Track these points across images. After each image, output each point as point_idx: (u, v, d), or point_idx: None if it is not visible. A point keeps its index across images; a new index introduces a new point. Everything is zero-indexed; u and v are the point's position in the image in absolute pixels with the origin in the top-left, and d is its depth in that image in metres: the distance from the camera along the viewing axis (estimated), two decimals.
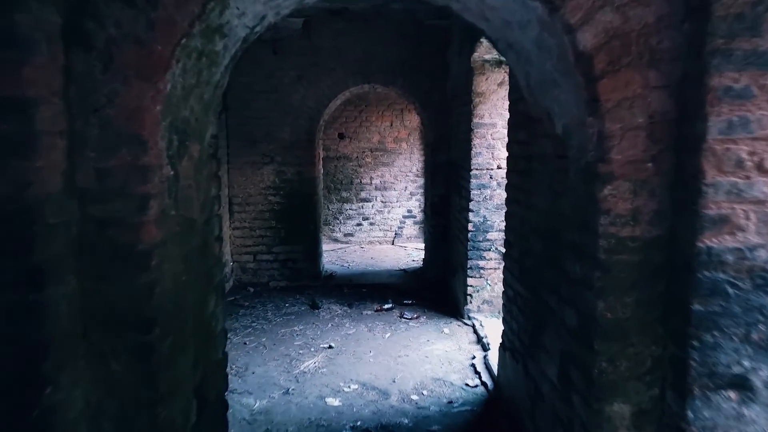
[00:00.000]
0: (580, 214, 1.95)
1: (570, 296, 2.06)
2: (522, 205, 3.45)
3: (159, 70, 1.70)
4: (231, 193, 6.91)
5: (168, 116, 1.79)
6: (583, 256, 1.91)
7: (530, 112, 2.50)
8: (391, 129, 9.77)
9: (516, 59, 2.29)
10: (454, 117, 6.43)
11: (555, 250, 2.25)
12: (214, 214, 2.39)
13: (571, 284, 2.04)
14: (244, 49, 2.39)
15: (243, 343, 5.15)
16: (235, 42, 2.16)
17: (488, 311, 5.64)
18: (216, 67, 2.12)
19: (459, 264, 6.03)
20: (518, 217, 3.55)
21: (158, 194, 1.78)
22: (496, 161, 5.47)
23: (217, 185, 2.43)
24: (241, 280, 7.09)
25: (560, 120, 2.08)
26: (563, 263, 2.12)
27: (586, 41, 1.72)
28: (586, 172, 1.88)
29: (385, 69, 6.79)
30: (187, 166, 2.02)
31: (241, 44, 2.24)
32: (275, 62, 6.74)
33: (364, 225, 9.91)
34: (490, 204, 5.51)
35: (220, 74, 2.21)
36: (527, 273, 3.17)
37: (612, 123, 1.75)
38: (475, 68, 5.39)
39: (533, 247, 2.71)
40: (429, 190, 7.32)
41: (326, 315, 5.99)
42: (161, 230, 1.81)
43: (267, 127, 6.82)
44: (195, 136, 2.09)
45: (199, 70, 1.95)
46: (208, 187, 2.32)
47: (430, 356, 4.85)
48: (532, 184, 2.86)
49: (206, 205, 2.28)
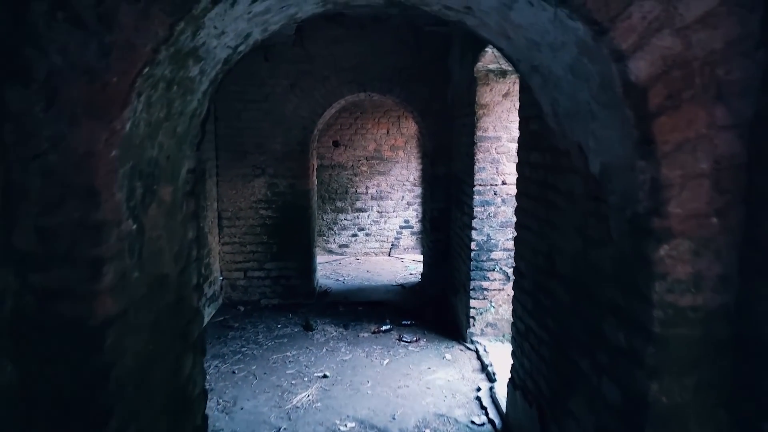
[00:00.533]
0: (625, 273, 1.63)
1: (610, 366, 1.75)
2: (535, 233, 3.15)
3: (115, 106, 1.37)
4: (220, 207, 6.57)
5: (128, 161, 1.46)
6: (631, 325, 1.60)
7: (554, 140, 2.19)
8: (388, 137, 9.45)
9: (541, 84, 1.98)
10: (455, 128, 6.12)
11: (588, 307, 1.93)
12: (191, 261, 2.07)
13: (612, 353, 1.73)
14: (228, 70, 2.07)
15: (232, 372, 4.82)
16: (214, 65, 1.83)
17: (492, 335, 5.33)
18: (191, 95, 1.79)
19: (461, 284, 5.72)
20: (530, 246, 3.26)
21: (115, 256, 1.45)
22: (500, 176, 5.16)
23: (195, 226, 2.11)
24: (231, 299, 6.75)
25: (597, 158, 1.77)
26: (601, 326, 1.81)
27: (640, 71, 1.41)
28: (635, 226, 1.57)
29: (381, 77, 6.47)
30: (155, 215, 1.69)
31: (222, 66, 1.92)
32: (267, 70, 6.40)
33: (359, 236, 9.59)
34: (494, 222, 5.21)
35: (197, 102, 1.88)
36: (545, 313, 2.86)
37: (670, 169, 1.44)
38: (479, 78, 5.08)
39: (557, 294, 2.40)
40: (428, 203, 7.01)
41: (321, 338, 5.66)
42: (119, 300, 1.48)
43: (258, 138, 6.49)
44: (166, 177, 1.76)
45: (169, 101, 1.63)
46: (184, 232, 2.00)
47: (432, 387, 4.53)
48: (554, 220, 2.55)
49: (182, 254, 1.95)
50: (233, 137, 6.44)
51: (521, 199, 3.52)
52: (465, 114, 5.51)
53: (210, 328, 5.90)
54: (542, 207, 3.03)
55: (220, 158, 6.44)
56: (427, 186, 7.05)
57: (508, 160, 5.15)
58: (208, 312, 6.10)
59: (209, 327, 5.91)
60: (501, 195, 5.19)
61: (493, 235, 5.21)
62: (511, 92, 5.08)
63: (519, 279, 3.52)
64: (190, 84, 1.74)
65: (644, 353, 1.52)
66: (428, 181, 6.96)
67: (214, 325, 5.97)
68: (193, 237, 2.08)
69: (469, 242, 5.28)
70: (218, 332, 5.77)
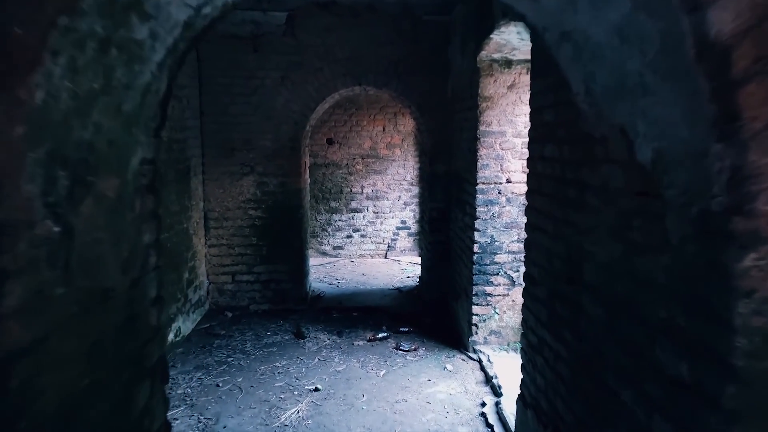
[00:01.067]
0: (689, 287, 1.29)
1: (665, 403, 1.40)
2: (551, 235, 2.80)
3: (20, 67, 1.01)
4: (206, 207, 6.19)
5: (43, 142, 1.10)
6: (699, 355, 1.25)
7: (584, 126, 1.84)
8: (384, 134, 9.09)
9: (573, 56, 1.63)
10: (455, 123, 5.77)
11: (632, 325, 1.58)
12: (148, 270, 1.70)
13: (669, 387, 1.38)
14: (193, 39, 1.71)
15: (216, 385, 4.45)
16: (170, 28, 1.47)
17: (496, 343, 4.99)
18: (141, 65, 1.43)
19: (462, 288, 5.37)
20: (544, 249, 2.91)
21: (26, 269, 1.09)
22: (505, 174, 4.82)
23: (153, 228, 1.75)
24: (218, 304, 6.37)
25: (648, 143, 1.42)
26: (651, 351, 1.46)
27: (722, 24, 1.06)
28: (705, 227, 1.22)
29: (377, 69, 6.12)
30: (92, 214, 1.33)
31: (182, 32, 1.56)
32: (256, 61, 6.04)
33: (354, 237, 9.23)
34: (498, 222, 4.86)
35: (151, 75, 1.52)
36: (563, 325, 2.52)
37: (761, 154, 1.09)
38: (482, 69, 4.73)
39: (583, 306, 2.05)
40: (426, 203, 6.65)
41: (313, 346, 5.30)
42: (33, 325, 1.12)
43: (247, 134, 6.12)
44: (108, 166, 1.40)
45: (106, 69, 1.27)
46: (138, 234, 1.63)
47: (433, 401, 4.18)
48: (576, 220, 2.20)
49: (134, 262, 1.59)
50: (220, 133, 6.07)
51: (533, 197, 3.17)
52: (467, 108, 5.16)
53: (194, 336, 5.53)
54: (559, 205, 2.70)
55: (206, 155, 6.07)
56: (426, 185, 6.70)
57: (513, 157, 4.81)
58: (193, 318, 5.72)
59: (193, 335, 5.54)
60: (506, 194, 4.85)
61: (497, 237, 4.86)
62: (516, 83, 4.74)
63: (530, 286, 3.18)
64: (138, 50, 1.38)
65: (720, 392, 1.17)
66: (427, 180, 6.61)
67: (199, 333, 5.60)
68: (151, 241, 1.72)
69: (472, 244, 4.94)
70: (203, 340, 5.40)
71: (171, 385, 4.41)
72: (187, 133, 5.53)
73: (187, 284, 5.55)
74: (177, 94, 5.25)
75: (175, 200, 5.20)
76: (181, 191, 5.38)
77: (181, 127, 5.36)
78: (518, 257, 4.88)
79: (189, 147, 5.59)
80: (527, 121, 4.87)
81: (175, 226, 5.20)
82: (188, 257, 5.61)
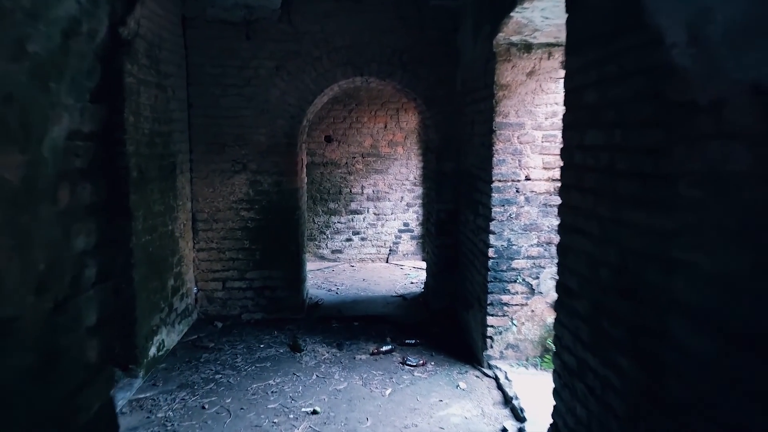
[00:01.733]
0: None
1: None
2: (596, 239, 2.34)
3: None
4: (195, 208, 5.70)
5: None
6: None
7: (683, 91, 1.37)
8: (386, 131, 8.61)
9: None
10: (466, 116, 5.30)
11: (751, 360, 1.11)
12: (82, 288, 1.22)
13: None
14: None
15: (201, 407, 3.95)
16: None
17: (514, 358, 4.51)
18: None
19: (474, 297, 4.89)
20: (586, 256, 2.46)
21: None
22: (524, 171, 4.35)
23: (92, 229, 1.27)
24: (208, 313, 5.87)
25: None
26: None
27: None
28: None
29: (380, 59, 5.65)
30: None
31: None
32: (249, 50, 5.56)
33: (354, 240, 8.74)
34: (516, 224, 4.39)
35: (78, 9, 1.04)
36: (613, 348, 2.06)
37: None
38: (499, 53, 4.26)
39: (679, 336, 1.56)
40: (433, 204, 6.17)
41: (310, 361, 4.81)
42: None
43: (239, 129, 5.64)
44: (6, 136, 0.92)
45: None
46: (65, 238, 1.15)
47: (447, 427, 3.69)
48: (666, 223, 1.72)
49: (57, 276, 1.11)
50: (210, 127, 5.59)
51: (569, 194, 2.71)
52: (481, 98, 4.69)
53: (180, 349, 5.03)
54: (607, 203, 2.24)
55: (194, 151, 5.59)
56: (433, 184, 6.22)
57: (532, 152, 4.34)
58: (178, 330, 5.22)
59: (179, 348, 5.04)
60: (524, 192, 4.37)
61: (514, 240, 4.39)
62: (537, 70, 4.27)
63: (566, 298, 2.71)
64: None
65: None
66: (433, 179, 6.13)
67: (185, 346, 5.11)
68: (88, 247, 1.24)
69: (486, 248, 4.46)
70: (189, 354, 4.90)
71: (151, 407, 3.91)
72: (172, 126, 5.04)
73: (172, 292, 5.05)
74: (161, 83, 4.77)
75: (158, 199, 4.71)
76: (166, 189, 4.89)
77: (166, 119, 4.87)
78: (538, 263, 4.41)
79: (174, 141, 5.10)
80: (549, 112, 4.44)
81: (158, 228, 4.71)
82: (174, 262, 5.12)
